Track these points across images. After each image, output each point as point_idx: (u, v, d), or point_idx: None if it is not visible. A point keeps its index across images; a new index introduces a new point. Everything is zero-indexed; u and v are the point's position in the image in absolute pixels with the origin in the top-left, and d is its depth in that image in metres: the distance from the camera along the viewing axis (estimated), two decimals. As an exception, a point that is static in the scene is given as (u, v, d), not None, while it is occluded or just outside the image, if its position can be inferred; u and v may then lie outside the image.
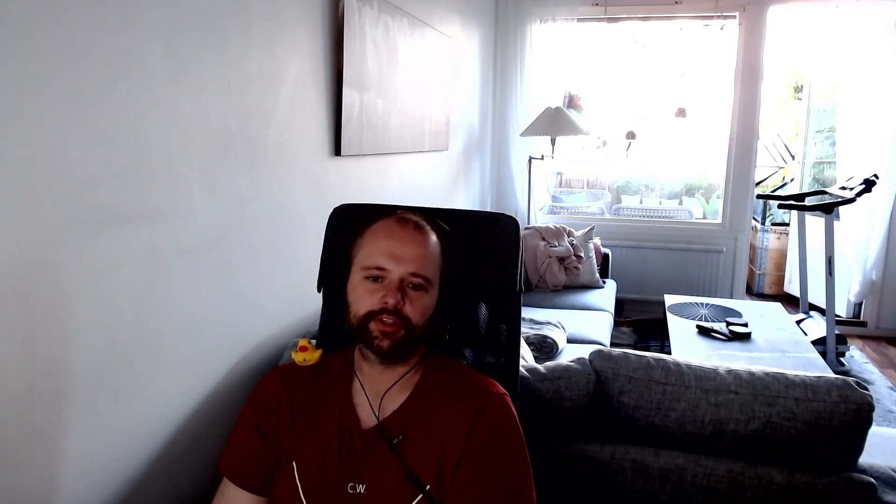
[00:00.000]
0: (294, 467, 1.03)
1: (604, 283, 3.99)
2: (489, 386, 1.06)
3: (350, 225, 1.10)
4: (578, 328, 3.06)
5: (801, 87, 6.40)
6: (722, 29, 4.98)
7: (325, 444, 1.03)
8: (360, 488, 0.99)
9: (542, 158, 4.35)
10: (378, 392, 1.04)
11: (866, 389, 1.35)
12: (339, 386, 1.08)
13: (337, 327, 1.21)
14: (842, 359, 3.72)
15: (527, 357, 1.89)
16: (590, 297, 3.73)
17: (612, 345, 3.35)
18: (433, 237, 1.06)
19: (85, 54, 1.14)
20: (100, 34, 1.17)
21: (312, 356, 1.06)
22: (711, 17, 4.47)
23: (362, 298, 1.00)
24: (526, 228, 4.08)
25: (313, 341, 1.17)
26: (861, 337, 4.35)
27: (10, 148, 1.02)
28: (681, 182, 7.48)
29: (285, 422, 1.07)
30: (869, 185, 3.57)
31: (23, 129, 1.04)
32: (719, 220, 4.59)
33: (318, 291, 1.10)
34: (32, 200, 1.07)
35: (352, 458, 1.01)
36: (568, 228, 4.06)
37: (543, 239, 3.95)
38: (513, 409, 1.05)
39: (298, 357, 1.06)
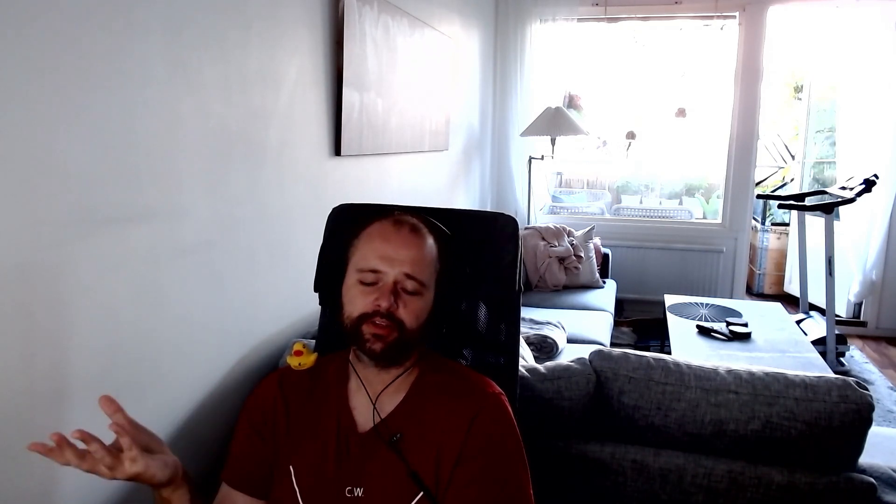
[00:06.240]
0: (291, 472, 1.03)
1: (604, 283, 3.99)
2: (486, 386, 1.06)
3: (348, 226, 1.09)
4: (578, 328, 3.06)
5: (801, 87, 6.41)
6: (722, 29, 4.98)
7: (322, 449, 1.03)
8: (358, 492, 0.99)
9: (542, 158, 4.35)
10: (373, 394, 1.04)
11: (866, 389, 1.35)
12: (334, 389, 1.07)
13: (336, 329, 1.21)
14: (842, 359, 3.72)
15: (527, 357, 1.89)
16: (590, 297, 3.73)
17: (612, 345, 3.35)
18: (429, 240, 1.05)
19: (84, 53, 1.14)
20: (100, 34, 1.17)
21: (308, 360, 1.05)
22: (711, 17, 4.47)
23: (356, 300, 1.00)
24: (526, 228, 4.08)
25: (309, 344, 1.17)
26: (861, 337, 4.35)
27: (9, 148, 1.02)
28: (681, 182, 7.48)
29: (282, 426, 1.07)
30: (869, 185, 3.57)
31: (21, 129, 1.04)
32: (719, 220, 4.59)
33: (315, 291, 1.10)
34: (32, 200, 1.07)
35: (349, 461, 1.01)
36: (568, 228, 4.06)
37: (543, 239, 3.95)
38: (509, 408, 1.04)
39: (294, 361, 1.05)
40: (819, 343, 3.46)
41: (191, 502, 0.97)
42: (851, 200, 3.59)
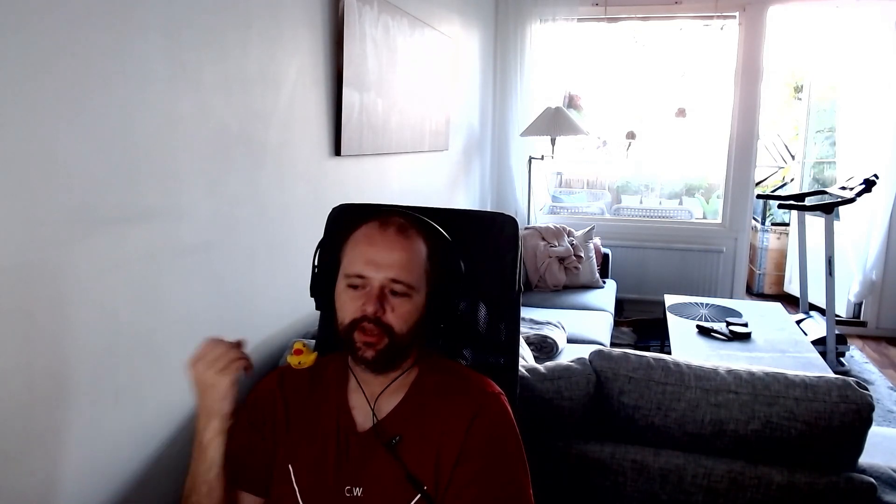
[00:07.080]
0: (291, 471, 1.03)
1: (604, 283, 3.99)
2: (485, 386, 1.06)
3: (340, 230, 1.08)
4: (578, 328, 3.06)
5: (801, 87, 6.41)
6: (722, 29, 4.98)
7: (321, 448, 1.03)
8: (358, 491, 0.99)
9: (542, 158, 4.35)
10: (373, 394, 1.04)
11: (866, 389, 1.35)
12: (334, 389, 1.07)
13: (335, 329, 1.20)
14: (842, 359, 3.72)
15: (527, 357, 1.89)
16: (590, 297, 3.73)
17: (612, 345, 3.35)
18: (418, 240, 1.03)
19: (84, 53, 1.14)
20: (100, 34, 1.17)
21: (308, 359, 1.05)
22: (711, 17, 4.47)
23: (345, 306, 1.00)
24: (526, 228, 4.08)
25: (309, 343, 1.16)
26: (861, 337, 4.35)
27: (9, 147, 1.02)
28: (681, 182, 7.47)
29: (281, 425, 1.07)
30: (869, 185, 3.57)
31: (21, 129, 1.04)
32: (719, 220, 4.59)
33: (311, 297, 1.10)
34: (32, 200, 1.07)
35: (349, 461, 1.01)
36: (568, 228, 4.06)
37: (543, 239, 3.95)
38: (509, 409, 1.04)
39: (293, 360, 1.05)
40: (819, 343, 3.46)
41: (222, 457, 1.04)
42: (851, 200, 3.59)
